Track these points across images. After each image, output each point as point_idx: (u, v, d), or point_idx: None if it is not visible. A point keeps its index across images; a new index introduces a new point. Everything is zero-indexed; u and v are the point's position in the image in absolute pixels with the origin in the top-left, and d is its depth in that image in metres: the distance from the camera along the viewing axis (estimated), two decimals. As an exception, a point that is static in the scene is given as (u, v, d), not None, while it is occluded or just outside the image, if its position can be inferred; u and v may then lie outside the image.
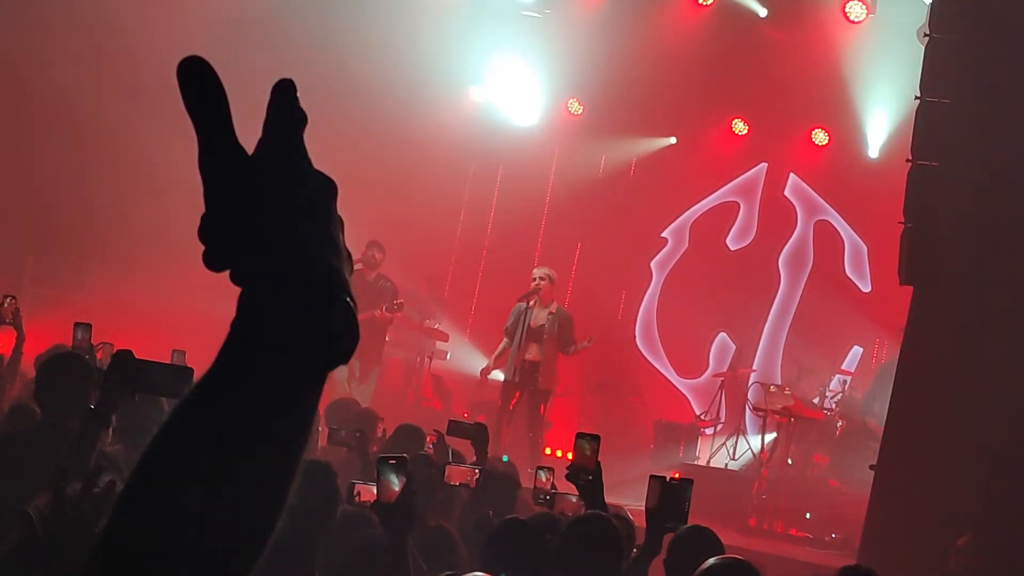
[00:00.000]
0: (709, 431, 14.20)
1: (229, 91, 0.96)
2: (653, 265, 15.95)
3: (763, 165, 15.69)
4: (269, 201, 0.96)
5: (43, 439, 4.47)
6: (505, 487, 6.22)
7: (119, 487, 3.12)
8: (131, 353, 4.21)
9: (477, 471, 5.91)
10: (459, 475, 5.83)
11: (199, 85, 0.95)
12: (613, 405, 14.69)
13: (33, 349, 7.68)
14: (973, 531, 7.46)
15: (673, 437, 14.03)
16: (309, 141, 0.99)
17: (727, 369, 14.68)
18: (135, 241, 13.73)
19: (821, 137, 15.27)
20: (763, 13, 15.04)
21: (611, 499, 5.64)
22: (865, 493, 8.83)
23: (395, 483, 4.17)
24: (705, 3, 15.25)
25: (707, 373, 15.25)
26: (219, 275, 0.98)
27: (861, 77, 14.52)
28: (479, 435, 6.63)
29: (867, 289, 14.88)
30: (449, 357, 15.30)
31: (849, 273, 15.11)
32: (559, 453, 13.03)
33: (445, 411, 13.20)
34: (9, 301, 7.70)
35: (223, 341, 0.96)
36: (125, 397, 4.15)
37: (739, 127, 15.60)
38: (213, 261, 0.96)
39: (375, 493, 4.86)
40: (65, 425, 4.44)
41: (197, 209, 0.97)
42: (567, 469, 5.35)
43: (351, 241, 1.02)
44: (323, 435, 6.94)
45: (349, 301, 0.97)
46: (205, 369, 0.98)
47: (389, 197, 14.78)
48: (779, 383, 13.65)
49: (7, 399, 6.91)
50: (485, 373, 13.17)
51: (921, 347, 8.51)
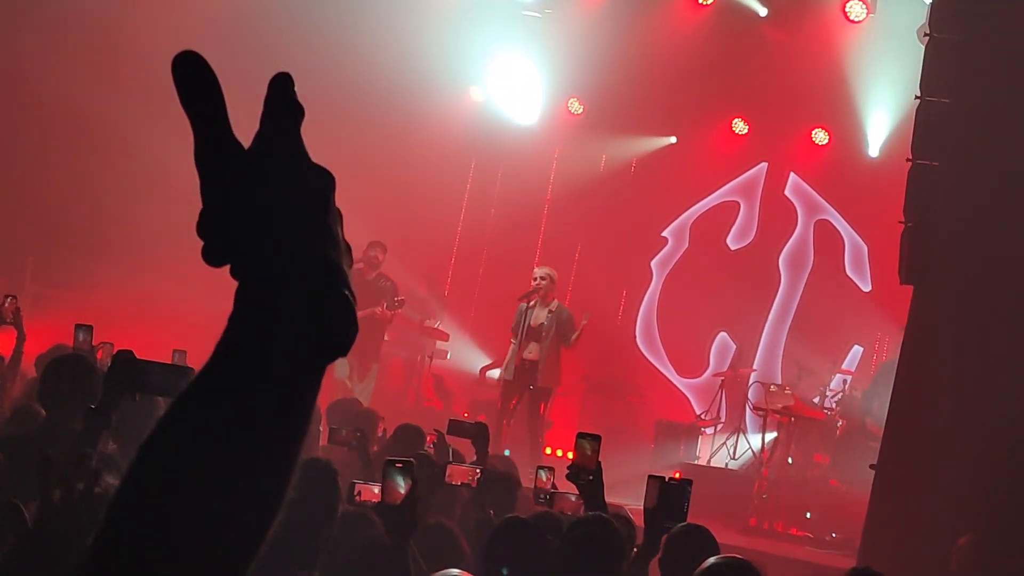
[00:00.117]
0: (709, 431, 14.20)
1: (230, 91, 0.96)
2: (653, 265, 15.95)
3: (763, 164, 15.69)
4: (266, 194, 0.95)
5: (48, 441, 4.47)
6: (506, 486, 6.21)
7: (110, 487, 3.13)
8: (132, 354, 4.21)
9: (478, 471, 5.91)
10: (461, 475, 5.83)
11: (194, 80, 0.94)
12: (613, 405, 14.69)
13: (33, 349, 7.69)
14: (974, 530, 7.45)
15: (673, 437, 14.02)
16: (310, 140, 0.98)
17: (727, 369, 14.68)
18: (136, 241, 13.73)
19: (821, 136, 15.27)
20: (763, 13, 15.04)
21: (611, 499, 5.64)
22: (866, 493, 8.83)
23: (401, 486, 4.17)
24: (705, 3, 15.25)
25: (707, 373, 15.25)
26: (220, 276, 0.98)
27: (861, 76, 14.52)
28: (480, 434, 6.63)
29: (867, 288, 14.88)
30: (449, 356, 15.30)
31: (849, 272, 15.11)
32: (559, 453, 13.04)
33: (445, 411, 13.19)
34: (10, 301, 7.70)
35: (221, 335, 0.96)
36: (126, 397, 4.16)
37: (739, 126, 15.60)
38: (212, 256, 0.96)
39: (376, 493, 4.86)
40: (70, 427, 4.44)
41: (198, 209, 0.97)
42: (568, 469, 5.35)
43: (353, 241, 1.02)
44: (324, 435, 6.94)
45: (347, 294, 0.96)
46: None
47: (390, 196, 14.78)
48: (779, 382, 13.65)
49: (8, 399, 6.91)
50: (484, 371, 13.19)
51: (921, 346, 8.50)
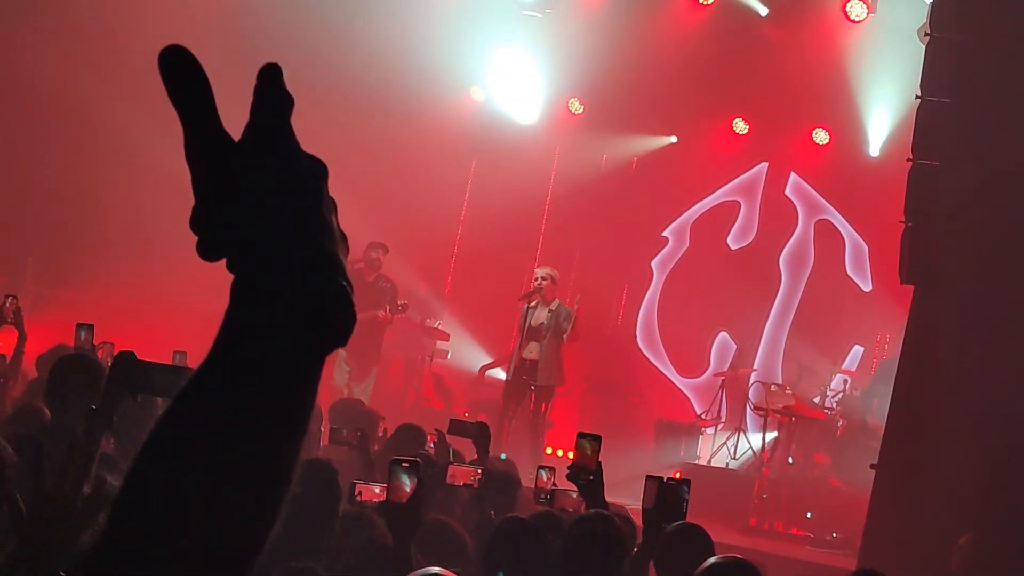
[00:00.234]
0: (710, 430, 14.20)
1: (231, 92, 0.96)
2: (654, 264, 15.96)
3: (764, 164, 15.69)
4: (258, 186, 0.94)
5: (54, 442, 4.46)
6: (506, 486, 6.21)
7: (115, 487, 3.13)
8: (133, 354, 4.20)
9: (479, 471, 5.91)
10: (463, 475, 5.82)
11: (181, 74, 0.93)
12: (614, 404, 14.69)
13: (34, 349, 7.69)
14: (974, 530, 7.45)
15: (674, 436, 14.04)
16: (311, 140, 0.98)
17: (728, 368, 14.68)
18: (136, 241, 13.73)
19: (822, 136, 15.27)
20: (764, 12, 15.04)
21: (612, 498, 5.64)
22: (866, 492, 8.82)
23: (407, 484, 4.18)
24: (706, 2, 15.25)
25: (708, 372, 15.26)
26: (221, 277, 0.98)
27: (862, 76, 14.53)
28: (481, 434, 6.63)
29: (868, 288, 14.88)
30: (450, 356, 15.30)
31: (850, 272, 15.11)
32: (560, 452, 13.04)
33: (446, 410, 13.19)
34: (10, 301, 7.70)
35: (219, 329, 0.95)
36: (127, 398, 4.16)
37: (740, 126, 15.60)
38: (207, 251, 0.95)
39: (377, 493, 4.86)
40: (75, 427, 4.43)
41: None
42: (568, 469, 5.36)
43: (353, 241, 1.02)
44: (325, 434, 6.94)
45: (345, 283, 0.96)
46: None
47: (390, 195, 14.79)
48: (780, 382, 13.66)
49: (9, 399, 6.91)
50: (484, 370, 13.18)
51: (922, 346, 8.50)
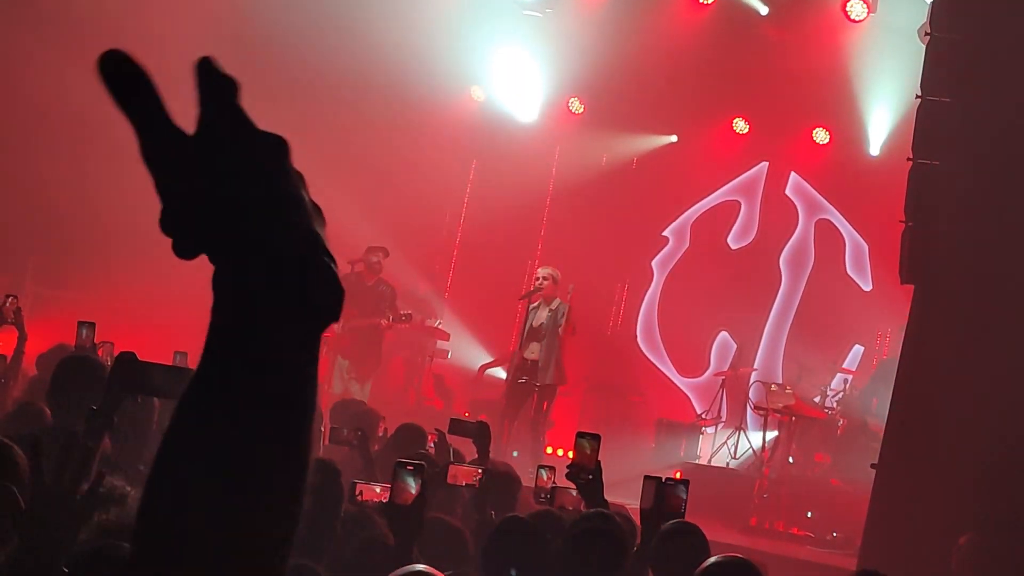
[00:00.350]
0: (710, 430, 14.20)
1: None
2: (654, 264, 15.96)
3: (764, 164, 15.69)
4: (222, 175, 0.93)
5: (55, 442, 4.46)
6: (506, 486, 6.21)
7: (114, 486, 3.14)
8: (134, 355, 4.21)
9: (480, 471, 5.91)
10: (464, 475, 5.83)
11: (123, 78, 0.92)
12: (614, 404, 14.69)
13: (34, 349, 7.69)
14: (974, 530, 7.45)
15: (674, 436, 14.04)
16: (313, 139, 0.98)
17: (728, 368, 14.67)
18: (137, 241, 13.71)
19: (822, 136, 15.27)
20: (764, 12, 15.04)
21: (612, 498, 5.65)
22: (866, 492, 8.82)
23: (412, 487, 4.20)
24: (706, 2, 15.25)
25: (708, 372, 15.26)
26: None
27: (862, 76, 14.53)
28: (481, 434, 6.63)
29: (868, 288, 14.88)
30: (450, 356, 15.30)
31: (850, 272, 15.11)
32: (560, 452, 13.04)
33: (446, 410, 13.20)
34: (11, 300, 7.70)
35: (209, 325, 0.94)
36: (127, 398, 4.16)
37: (740, 126, 15.60)
38: (182, 251, 0.94)
39: (378, 492, 4.87)
40: (76, 428, 4.43)
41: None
42: (567, 468, 5.36)
43: (354, 241, 1.03)
44: (325, 434, 6.95)
45: (326, 259, 0.94)
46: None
47: (391, 195, 14.80)
48: (780, 382, 13.65)
49: (9, 398, 6.91)
50: (483, 369, 13.16)
51: (922, 346, 8.50)
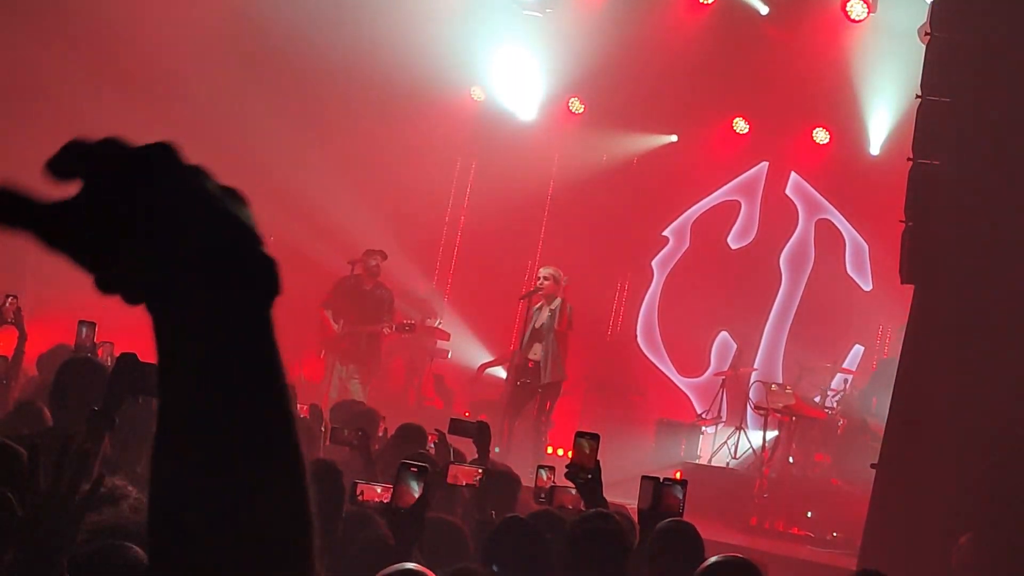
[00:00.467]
0: (710, 430, 14.20)
1: (232, 90, 0.96)
2: (654, 264, 15.95)
3: (764, 164, 15.68)
4: (127, 214, 0.94)
5: (55, 442, 4.46)
6: (506, 486, 6.21)
7: (115, 486, 3.14)
8: (135, 356, 4.21)
9: (480, 471, 5.91)
10: (464, 475, 5.83)
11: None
12: (614, 404, 14.68)
13: (34, 349, 7.69)
14: (975, 529, 7.46)
15: (674, 436, 14.04)
16: (313, 139, 0.98)
17: (728, 368, 14.67)
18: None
19: (822, 136, 15.27)
20: (764, 11, 15.03)
21: (612, 498, 5.65)
22: (867, 492, 8.82)
23: (415, 490, 4.21)
24: (706, 2, 15.24)
25: (708, 372, 15.25)
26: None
27: (862, 76, 14.52)
28: (481, 434, 6.63)
29: (868, 288, 14.88)
30: (450, 356, 15.30)
31: (850, 272, 15.10)
32: (561, 452, 13.03)
33: (447, 410, 13.20)
34: (11, 300, 7.70)
35: (158, 341, 0.95)
36: (129, 399, 4.17)
37: (740, 126, 15.60)
38: (135, 299, 0.96)
39: (379, 492, 4.87)
40: (77, 428, 4.43)
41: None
42: (566, 468, 5.37)
43: (355, 240, 1.03)
44: (326, 434, 6.95)
45: (248, 237, 0.94)
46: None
47: (391, 194, 14.79)
48: (780, 382, 13.65)
49: (10, 399, 6.92)
50: (483, 369, 13.14)
51: (922, 346, 8.50)
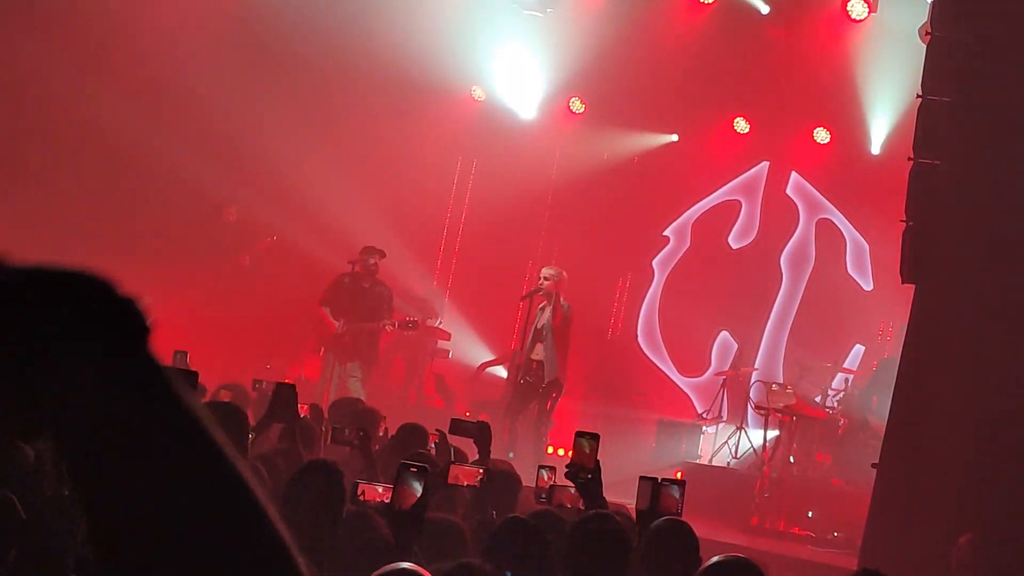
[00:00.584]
0: (711, 429, 14.20)
1: (233, 88, 0.96)
2: (655, 264, 15.95)
3: (765, 163, 15.68)
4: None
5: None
6: (507, 486, 6.21)
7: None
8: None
9: (481, 471, 5.91)
10: (465, 476, 5.82)
11: None
12: (615, 404, 14.68)
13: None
14: (975, 529, 7.46)
15: (675, 436, 14.04)
16: (313, 139, 0.98)
17: (729, 368, 14.67)
18: (137, 242, 13.73)
19: (823, 135, 15.26)
20: (765, 11, 15.03)
21: (613, 498, 5.64)
22: (867, 492, 8.82)
23: (416, 490, 4.21)
24: (707, 1, 15.24)
25: (709, 372, 15.25)
26: (221, 278, 0.97)
27: (863, 75, 14.52)
28: (482, 434, 6.64)
29: (869, 287, 14.88)
30: (451, 355, 15.31)
31: (851, 271, 15.10)
32: (561, 452, 13.03)
33: (447, 410, 13.20)
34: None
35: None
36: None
37: (741, 125, 15.59)
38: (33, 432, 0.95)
39: (380, 492, 4.87)
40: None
41: (200, 210, 0.96)
42: (566, 467, 5.37)
43: (355, 240, 1.02)
44: (327, 434, 6.95)
45: (95, 288, 0.94)
46: (206, 375, 0.96)
47: (391, 194, 14.79)
48: (781, 381, 13.65)
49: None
50: (483, 368, 13.13)
51: (923, 345, 8.50)
